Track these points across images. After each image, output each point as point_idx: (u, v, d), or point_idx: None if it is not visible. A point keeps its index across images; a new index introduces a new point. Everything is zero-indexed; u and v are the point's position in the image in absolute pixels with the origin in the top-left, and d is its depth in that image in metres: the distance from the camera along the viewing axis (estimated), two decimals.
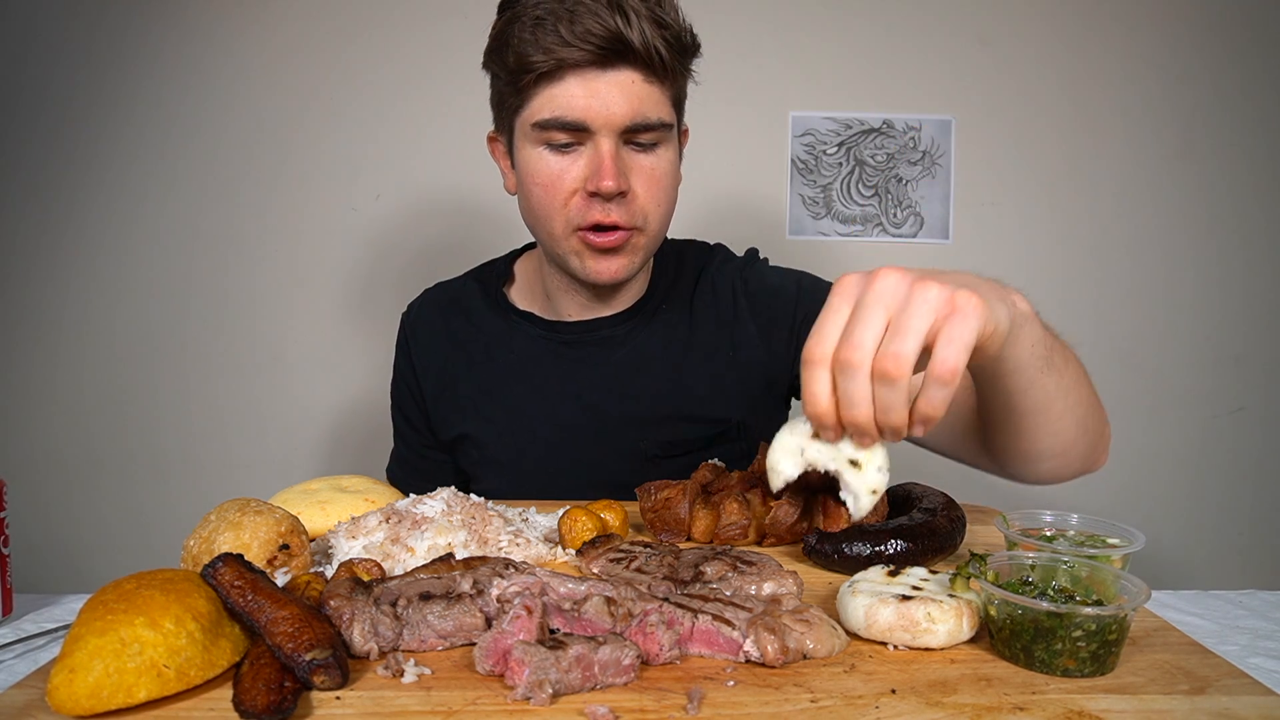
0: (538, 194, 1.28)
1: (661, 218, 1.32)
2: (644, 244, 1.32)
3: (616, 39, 1.16)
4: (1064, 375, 0.95)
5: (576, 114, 1.20)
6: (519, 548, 1.00)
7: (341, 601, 0.75)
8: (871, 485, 0.82)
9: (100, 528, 2.42)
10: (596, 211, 1.25)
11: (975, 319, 0.72)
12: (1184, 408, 2.52)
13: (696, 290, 1.47)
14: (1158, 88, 2.45)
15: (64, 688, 0.63)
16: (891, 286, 0.74)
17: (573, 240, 1.30)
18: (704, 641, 0.74)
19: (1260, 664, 0.88)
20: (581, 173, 1.24)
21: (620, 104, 1.20)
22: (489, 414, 1.47)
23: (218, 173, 2.38)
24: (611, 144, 1.22)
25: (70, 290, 2.38)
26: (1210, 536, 2.53)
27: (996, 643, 0.75)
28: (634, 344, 1.44)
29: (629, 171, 1.25)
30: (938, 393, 0.73)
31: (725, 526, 1.07)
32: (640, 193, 1.27)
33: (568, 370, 1.44)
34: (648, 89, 1.22)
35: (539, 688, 0.64)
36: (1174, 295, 2.50)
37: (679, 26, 1.24)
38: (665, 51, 1.20)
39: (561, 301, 1.45)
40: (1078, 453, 1.07)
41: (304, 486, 1.16)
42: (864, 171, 2.46)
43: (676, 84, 1.28)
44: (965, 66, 2.43)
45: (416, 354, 1.54)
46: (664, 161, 1.29)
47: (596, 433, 1.42)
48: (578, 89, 1.20)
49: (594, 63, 1.18)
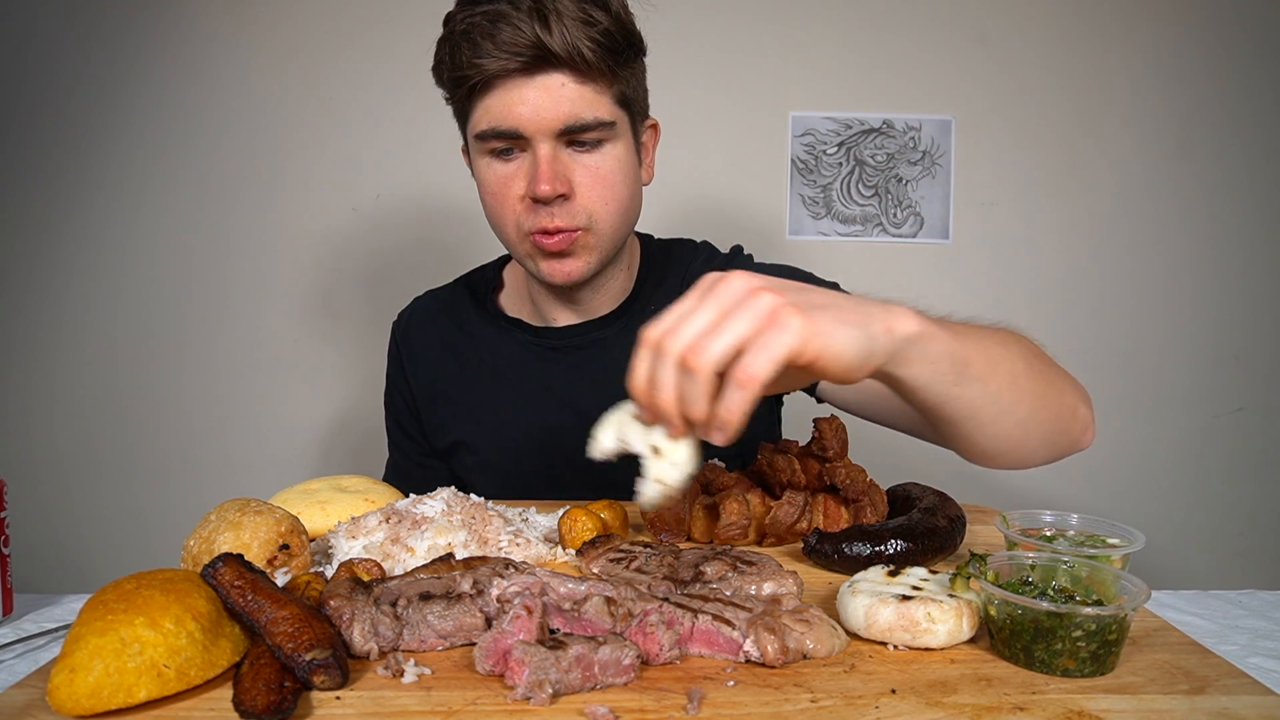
0: (489, 202, 1.31)
1: (611, 215, 1.31)
2: (595, 243, 1.31)
3: (537, 46, 1.17)
4: (990, 382, 0.92)
5: (509, 122, 1.21)
6: (519, 548, 1.00)
7: (341, 601, 0.75)
8: (660, 475, 0.81)
9: (100, 528, 2.41)
10: (542, 217, 1.26)
11: (791, 335, 0.73)
12: (1184, 408, 2.52)
13: (681, 289, 1.47)
14: (1158, 88, 2.45)
15: (64, 688, 0.63)
16: (732, 290, 0.76)
17: (526, 244, 1.31)
18: (704, 641, 0.74)
19: (1260, 664, 0.88)
20: (524, 179, 1.26)
21: (549, 108, 1.20)
22: (482, 420, 1.48)
23: (218, 173, 2.38)
24: (549, 148, 1.23)
25: (70, 290, 2.38)
26: (1210, 536, 2.53)
27: (996, 643, 0.75)
28: (624, 345, 1.43)
29: (570, 172, 1.25)
30: (733, 395, 0.74)
31: (725, 526, 1.07)
32: (583, 193, 1.27)
33: (558, 375, 1.45)
34: (580, 90, 1.21)
35: (539, 688, 0.64)
36: (1174, 295, 2.50)
37: (610, 23, 1.21)
38: (591, 53, 1.19)
39: (545, 305, 1.46)
40: (1032, 446, 1.05)
41: (304, 486, 1.16)
42: (864, 171, 2.46)
43: (617, 82, 1.25)
44: (965, 66, 2.43)
45: (408, 362, 1.55)
46: (609, 160, 1.28)
47: (588, 436, 1.42)
48: (507, 97, 1.21)
49: (519, 70, 1.19)
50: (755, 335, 0.74)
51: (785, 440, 1.20)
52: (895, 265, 2.48)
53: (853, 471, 1.10)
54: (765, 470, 1.13)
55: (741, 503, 1.08)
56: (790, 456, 1.12)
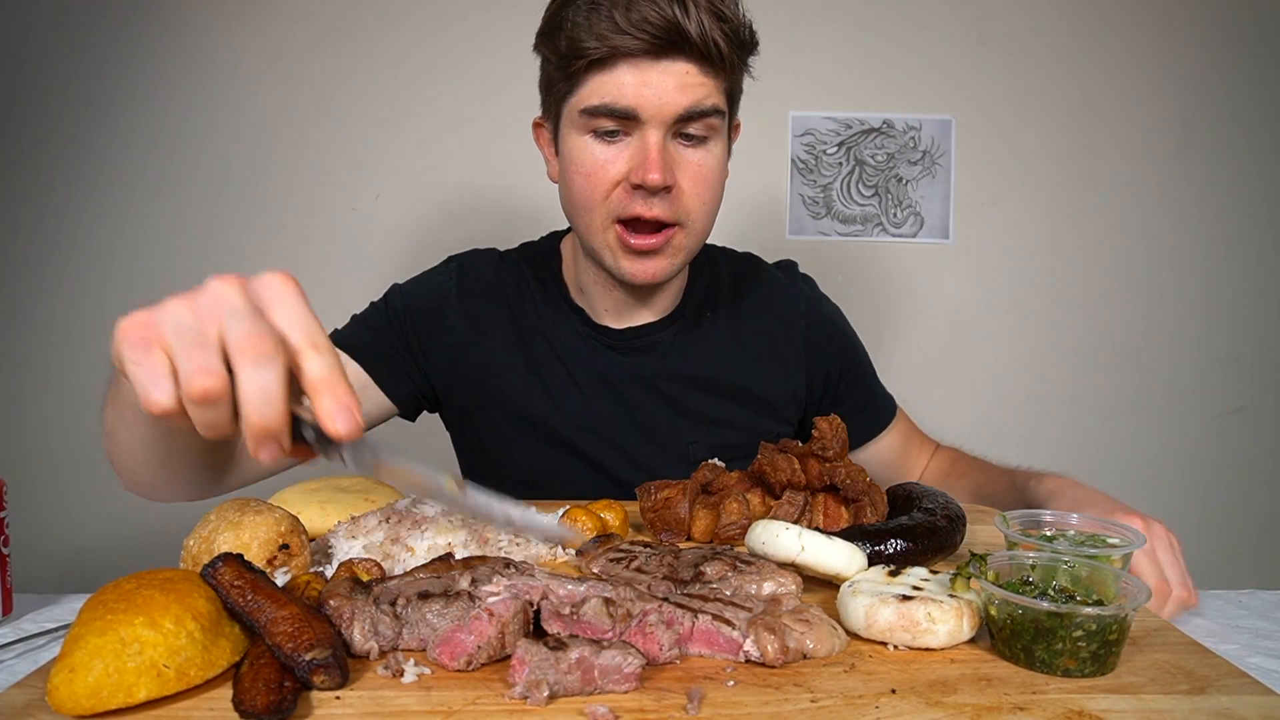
0: (580, 183, 1.25)
1: (705, 216, 1.28)
2: (686, 243, 1.29)
3: (673, 29, 1.13)
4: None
5: (628, 101, 1.17)
6: (519, 548, 1.00)
7: (341, 601, 0.75)
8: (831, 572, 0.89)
9: (100, 528, 2.41)
10: (639, 205, 1.22)
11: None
12: (1184, 408, 2.52)
13: (746, 301, 1.48)
14: (1157, 88, 2.45)
15: (64, 687, 0.63)
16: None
17: (610, 234, 1.26)
18: (704, 641, 0.74)
19: (1260, 664, 0.88)
20: (626, 164, 1.21)
21: (673, 94, 1.17)
22: (532, 386, 1.41)
23: (218, 172, 2.38)
24: (659, 136, 1.19)
25: (70, 289, 2.38)
26: (1210, 536, 2.53)
27: (997, 643, 0.75)
28: (679, 350, 1.43)
29: (675, 166, 1.22)
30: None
31: (725, 526, 1.07)
32: (686, 188, 1.23)
33: (615, 368, 1.42)
34: (702, 80, 1.19)
35: (536, 688, 0.65)
36: (1173, 295, 2.51)
37: (738, 20, 1.20)
38: (723, 44, 1.17)
39: (596, 297, 1.41)
40: None
41: (304, 486, 1.16)
42: (864, 171, 2.46)
43: (731, 78, 1.25)
44: (965, 66, 2.43)
45: (464, 299, 1.43)
46: (712, 158, 1.25)
47: (643, 432, 1.42)
48: (630, 77, 1.16)
49: (648, 51, 1.15)
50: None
51: (785, 440, 1.20)
52: (895, 265, 2.48)
53: (853, 471, 1.10)
54: (765, 470, 1.13)
55: (741, 503, 1.08)
56: (790, 456, 1.12)
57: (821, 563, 0.87)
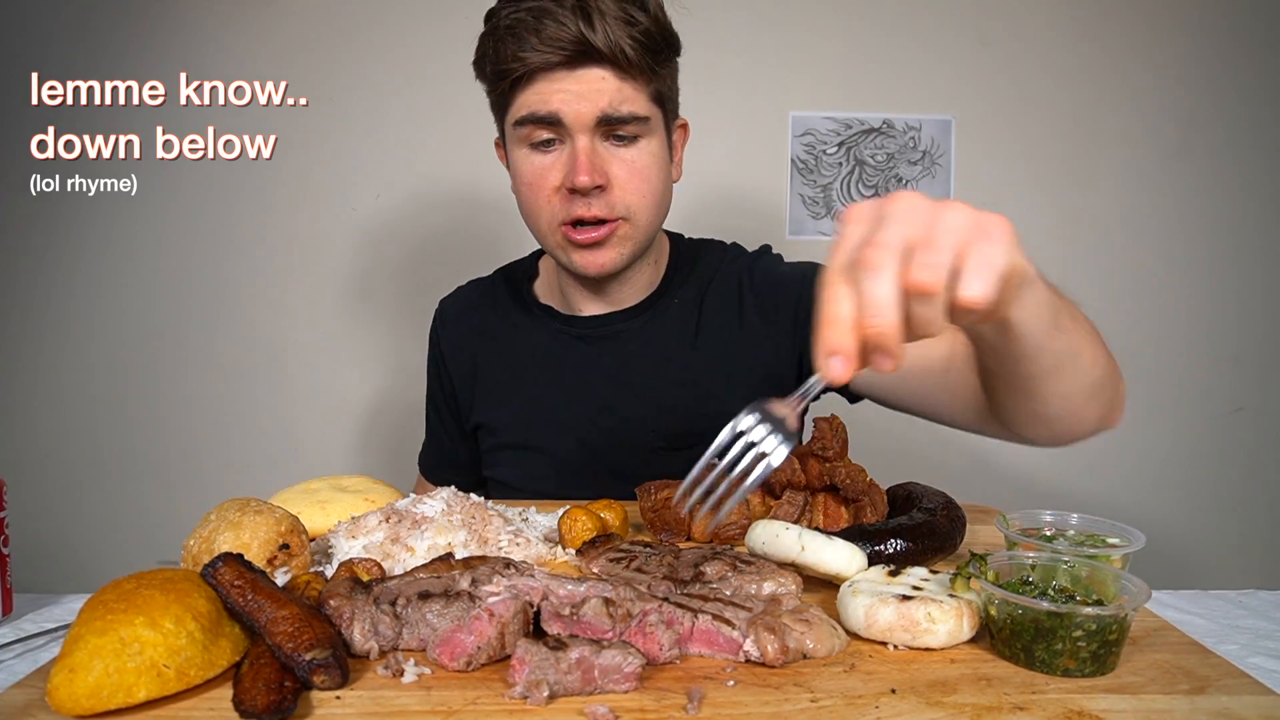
0: (525, 192, 1.34)
1: (647, 209, 1.35)
2: (632, 234, 1.35)
3: (580, 42, 1.21)
4: (1072, 336, 0.90)
5: (550, 107, 1.25)
6: (519, 548, 1.00)
7: (341, 601, 0.75)
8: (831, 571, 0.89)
9: (100, 528, 2.41)
10: (579, 206, 1.30)
11: (1002, 249, 0.66)
12: (1183, 408, 2.52)
13: (710, 288, 1.50)
14: (1158, 87, 2.45)
15: (64, 687, 0.63)
16: (909, 205, 0.66)
17: (558, 235, 1.34)
18: (704, 641, 0.74)
19: (1260, 664, 0.88)
20: (561, 170, 1.29)
21: (589, 99, 1.25)
22: (505, 400, 1.51)
23: (218, 171, 2.37)
24: (587, 140, 1.27)
25: (70, 289, 2.38)
26: (1210, 536, 2.53)
27: (997, 643, 0.75)
28: (645, 337, 1.47)
29: (608, 165, 1.29)
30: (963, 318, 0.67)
31: (725, 526, 1.07)
32: (620, 185, 1.30)
33: (583, 362, 1.48)
34: (619, 85, 1.26)
35: (536, 687, 0.65)
36: (1173, 295, 2.50)
37: (651, 24, 1.26)
38: (632, 51, 1.23)
39: (573, 296, 1.49)
40: (1091, 414, 1.06)
41: (304, 486, 1.16)
42: (864, 171, 2.46)
43: (655, 80, 1.30)
44: (965, 66, 2.42)
45: (446, 345, 1.59)
46: (644, 154, 1.32)
47: (607, 424, 1.45)
48: (548, 87, 1.25)
49: (562, 64, 1.24)
50: (966, 249, 0.65)
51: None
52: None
53: (853, 471, 1.10)
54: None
55: (741, 502, 1.08)
56: (790, 456, 1.12)
57: (821, 563, 0.87)
